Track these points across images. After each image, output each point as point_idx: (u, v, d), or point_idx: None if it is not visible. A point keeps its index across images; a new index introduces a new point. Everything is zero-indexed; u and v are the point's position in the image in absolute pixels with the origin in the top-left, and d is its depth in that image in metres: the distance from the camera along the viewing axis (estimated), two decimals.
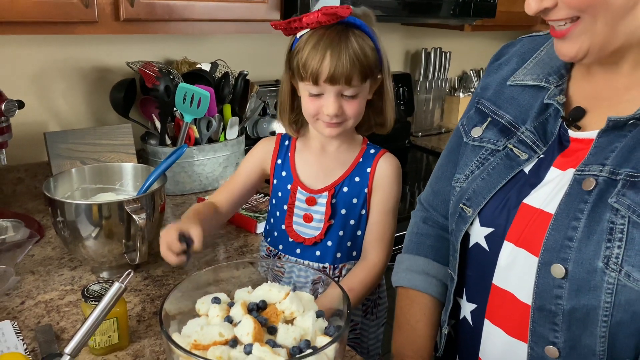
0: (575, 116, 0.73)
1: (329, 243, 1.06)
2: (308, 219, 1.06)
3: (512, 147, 0.77)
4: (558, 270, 0.66)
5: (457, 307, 0.85)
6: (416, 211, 1.00)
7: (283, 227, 1.08)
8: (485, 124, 0.82)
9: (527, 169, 0.75)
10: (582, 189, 0.67)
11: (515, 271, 0.72)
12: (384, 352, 1.19)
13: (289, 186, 1.07)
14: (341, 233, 1.06)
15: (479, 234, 0.78)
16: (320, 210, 1.05)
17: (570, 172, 0.70)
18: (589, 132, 0.71)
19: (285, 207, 1.07)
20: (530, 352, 0.71)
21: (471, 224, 0.78)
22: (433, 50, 2.38)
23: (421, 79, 2.43)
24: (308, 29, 0.95)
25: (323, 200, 1.05)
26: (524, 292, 0.71)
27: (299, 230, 1.07)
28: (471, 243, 0.80)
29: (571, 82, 0.77)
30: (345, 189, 1.05)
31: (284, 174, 1.08)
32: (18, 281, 1.09)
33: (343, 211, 1.05)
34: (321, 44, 0.92)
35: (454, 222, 0.82)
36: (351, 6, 0.94)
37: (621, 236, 0.62)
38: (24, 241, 1.12)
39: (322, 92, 0.96)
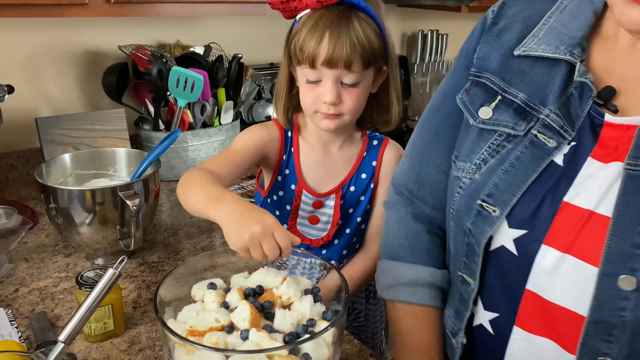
0: (607, 97, 0.64)
1: (336, 242, 1.04)
2: (314, 220, 1.03)
3: (537, 133, 0.67)
4: (627, 282, 0.58)
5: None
6: (395, 204, 0.87)
7: (285, 226, 1.04)
8: (494, 103, 0.71)
9: (558, 160, 0.65)
10: None
11: (561, 278, 0.63)
12: (386, 334, 1.19)
13: (293, 187, 1.02)
14: (348, 231, 1.04)
15: (506, 236, 0.67)
16: (327, 212, 1.02)
17: (616, 166, 0.61)
18: (628, 117, 0.63)
19: (289, 207, 1.03)
20: None
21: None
22: (430, 32, 2.36)
23: (418, 62, 2.40)
24: (308, 10, 0.89)
25: (330, 202, 1.01)
26: (573, 301, 0.63)
27: (303, 231, 1.04)
28: (494, 246, 0.69)
29: (592, 57, 0.68)
30: (352, 188, 1.02)
31: (287, 172, 1.02)
32: (12, 269, 1.07)
33: (350, 210, 1.03)
34: (320, 24, 0.86)
35: (470, 221, 0.70)
36: None
37: None
38: (17, 228, 1.11)
39: (320, 79, 0.90)
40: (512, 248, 0.67)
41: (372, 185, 1.02)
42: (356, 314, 1.13)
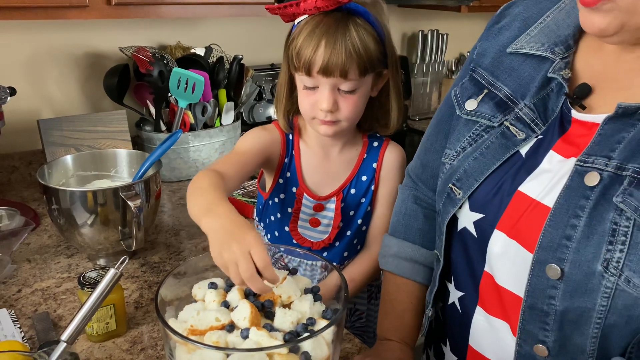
0: (580, 94, 0.66)
1: (337, 244, 1.04)
2: (315, 223, 1.03)
3: (509, 125, 0.70)
4: (553, 270, 0.61)
5: (445, 290, 0.81)
6: (404, 186, 0.93)
7: (287, 229, 1.04)
8: (480, 97, 0.75)
9: (523, 151, 0.69)
10: (584, 183, 0.61)
11: (507, 263, 0.67)
12: None
13: (294, 189, 1.02)
14: (349, 233, 1.04)
15: (467, 218, 0.72)
16: (328, 215, 1.02)
17: (571, 161, 0.64)
18: (593, 115, 0.65)
19: (290, 210, 1.03)
20: (519, 350, 0.67)
21: (460, 207, 0.73)
22: (430, 32, 2.36)
23: (418, 62, 2.41)
24: (306, 15, 0.88)
25: (331, 205, 1.02)
26: (516, 286, 0.67)
27: (304, 234, 1.04)
28: (459, 227, 0.74)
29: (578, 55, 0.69)
30: (352, 191, 1.02)
31: (288, 174, 1.02)
32: (14, 269, 1.08)
33: (351, 213, 1.03)
34: (317, 32, 0.85)
35: (442, 202, 0.76)
36: None
37: (624, 239, 0.57)
38: (19, 229, 1.11)
39: (317, 85, 0.89)
40: (473, 230, 0.72)
41: (372, 187, 1.02)
42: (358, 314, 1.14)
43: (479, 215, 0.70)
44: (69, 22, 1.54)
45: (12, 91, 1.29)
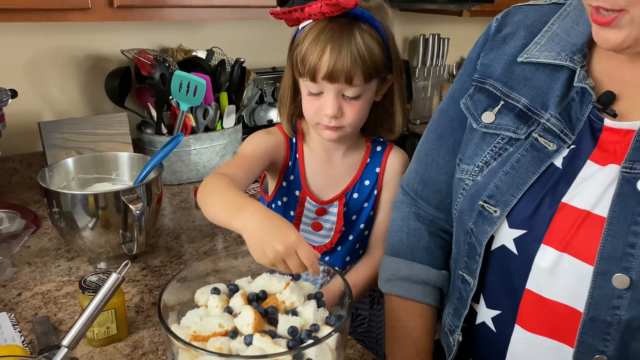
0: (606, 102, 0.66)
1: (339, 248, 1.04)
2: (317, 227, 1.03)
3: (537, 137, 0.69)
4: (621, 280, 0.60)
5: (469, 311, 0.78)
6: (401, 203, 0.90)
7: None
8: (497, 108, 0.73)
9: (558, 162, 0.67)
10: (637, 189, 0.60)
11: (560, 278, 0.65)
12: None
13: (297, 193, 1.02)
14: (351, 238, 1.04)
15: (506, 236, 0.69)
16: (330, 219, 1.02)
17: (612, 169, 0.63)
18: (627, 122, 0.65)
19: (292, 213, 1.03)
20: None
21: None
22: (431, 36, 2.36)
23: (419, 66, 2.41)
24: (311, 20, 0.88)
25: (334, 209, 1.01)
26: (572, 299, 0.65)
27: (306, 238, 1.02)
28: (495, 245, 0.71)
29: (593, 63, 0.70)
30: (355, 195, 1.02)
31: (292, 178, 1.02)
32: (14, 272, 1.08)
33: (354, 217, 1.03)
34: (321, 38, 0.85)
35: (472, 221, 0.73)
36: None
37: None
38: (20, 232, 1.11)
39: (321, 91, 0.89)
40: (513, 247, 0.69)
41: (375, 192, 1.02)
42: (360, 320, 1.13)
43: (520, 232, 0.68)
44: (71, 24, 1.53)
45: (14, 93, 1.29)
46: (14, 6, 1.13)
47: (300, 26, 0.90)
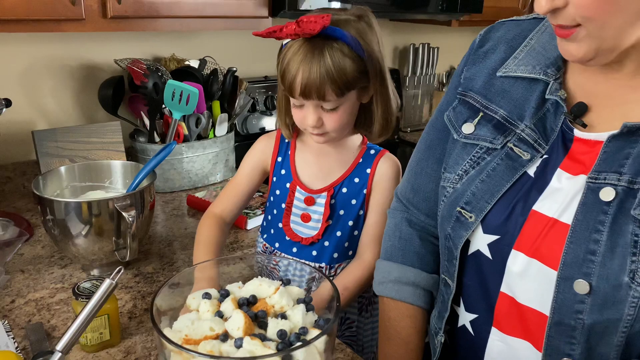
0: (578, 113, 0.69)
1: (326, 243, 1.06)
2: (306, 218, 1.06)
3: (512, 146, 0.72)
4: (581, 286, 0.62)
5: (453, 314, 0.81)
6: (395, 210, 0.94)
7: (280, 225, 1.08)
8: (476, 120, 0.77)
9: (531, 171, 0.70)
10: (599, 198, 0.63)
11: (529, 281, 0.68)
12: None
13: (287, 185, 1.06)
14: (339, 234, 1.06)
15: (480, 241, 0.73)
16: (318, 210, 1.05)
17: (581, 179, 0.66)
18: (595, 133, 0.67)
19: (284, 205, 1.07)
20: None
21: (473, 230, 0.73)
22: (421, 45, 2.40)
23: (409, 75, 2.44)
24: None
25: (322, 200, 1.05)
26: (539, 304, 0.68)
27: (296, 230, 1.07)
28: (471, 250, 0.75)
29: (567, 75, 0.73)
30: (344, 190, 1.05)
31: (283, 172, 1.08)
32: (8, 280, 1.08)
33: (341, 212, 1.05)
34: (295, 58, 0.91)
35: (450, 227, 0.76)
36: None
37: None
38: (13, 240, 1.12)
39: (302, 104, 0.95)
40: (487, 252, 0.72)
41: (364, 191, 1.05)
42: (348, 323, 1.15)
43: (493, 237, 0.71)
44: (65, 34, 1.55)
45: (8, 102, 1.30)
46: (8, 16, 1.15)
47: (284, 41, 0.95)
